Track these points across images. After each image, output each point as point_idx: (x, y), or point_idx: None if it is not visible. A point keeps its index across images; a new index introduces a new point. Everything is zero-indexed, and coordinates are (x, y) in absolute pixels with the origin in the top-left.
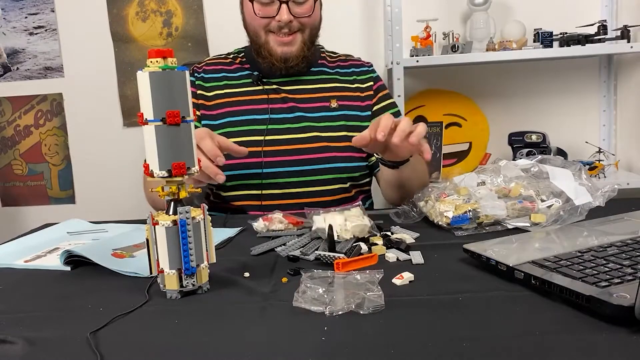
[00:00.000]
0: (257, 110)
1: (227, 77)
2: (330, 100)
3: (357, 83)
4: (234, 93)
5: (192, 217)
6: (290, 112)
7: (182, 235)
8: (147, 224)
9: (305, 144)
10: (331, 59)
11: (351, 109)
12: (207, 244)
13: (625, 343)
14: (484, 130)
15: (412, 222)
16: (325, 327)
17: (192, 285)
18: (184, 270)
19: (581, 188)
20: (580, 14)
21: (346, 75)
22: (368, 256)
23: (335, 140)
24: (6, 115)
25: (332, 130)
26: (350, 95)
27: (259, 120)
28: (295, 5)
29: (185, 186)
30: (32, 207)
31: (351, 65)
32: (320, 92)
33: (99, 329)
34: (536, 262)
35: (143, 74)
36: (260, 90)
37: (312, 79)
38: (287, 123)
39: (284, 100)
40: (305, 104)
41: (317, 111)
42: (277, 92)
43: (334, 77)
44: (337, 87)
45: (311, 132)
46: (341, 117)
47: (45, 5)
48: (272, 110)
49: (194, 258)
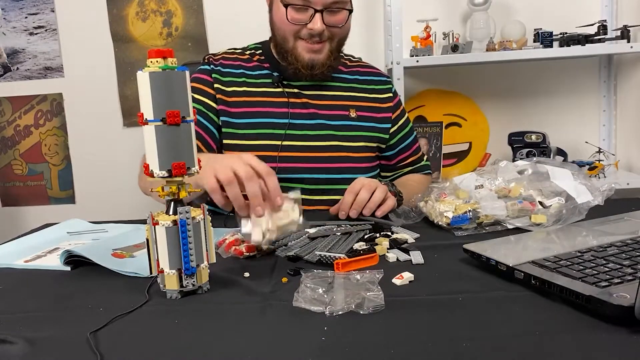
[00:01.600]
0: (277, 114)
1: (246, 74)
2: (349, 109)
3: (375, 93)
4: (253, 92)
5: (192, 217)
6: (310, 119)
7: (182, 236)
8: (147, 224)
9: (323, 152)
10: (350, 64)
11: (369, 120)
12: (207, 244)
13: (625, 343)
14: (484, 130)
15: (412, 223)
16: (325, 327)
17: (192, 285)
18: (184, 270)
19: (581, 187)
20: (580, 14)
21: (364, 84)
22: (369, 256)
23: (354, 150)
24: (6, 115)
25: (351, 140)
26: (368, 105)
27: (278, 124)
28: (329, 15)
29: (186, 186)
30: (32, 207)
31: (369, 73)
32: (340, 99)
33: (99, 329)
34: (536, 262)
35: (143, 74)
36: (281, 92)
37: (333, 85)
38: (306, 129)
39: (304, 105)
40: (326, 111)
41: (337, 119)
42: (298, 96)
43: (353, 85)
44: (356, 97)
45: (331, 141)
46: (360, 127)
47: (45, 5)
48: (292, 115)
49: (194, 258)
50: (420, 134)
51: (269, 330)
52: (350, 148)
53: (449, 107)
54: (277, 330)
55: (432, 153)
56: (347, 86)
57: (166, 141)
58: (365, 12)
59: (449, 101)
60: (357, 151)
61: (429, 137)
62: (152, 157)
